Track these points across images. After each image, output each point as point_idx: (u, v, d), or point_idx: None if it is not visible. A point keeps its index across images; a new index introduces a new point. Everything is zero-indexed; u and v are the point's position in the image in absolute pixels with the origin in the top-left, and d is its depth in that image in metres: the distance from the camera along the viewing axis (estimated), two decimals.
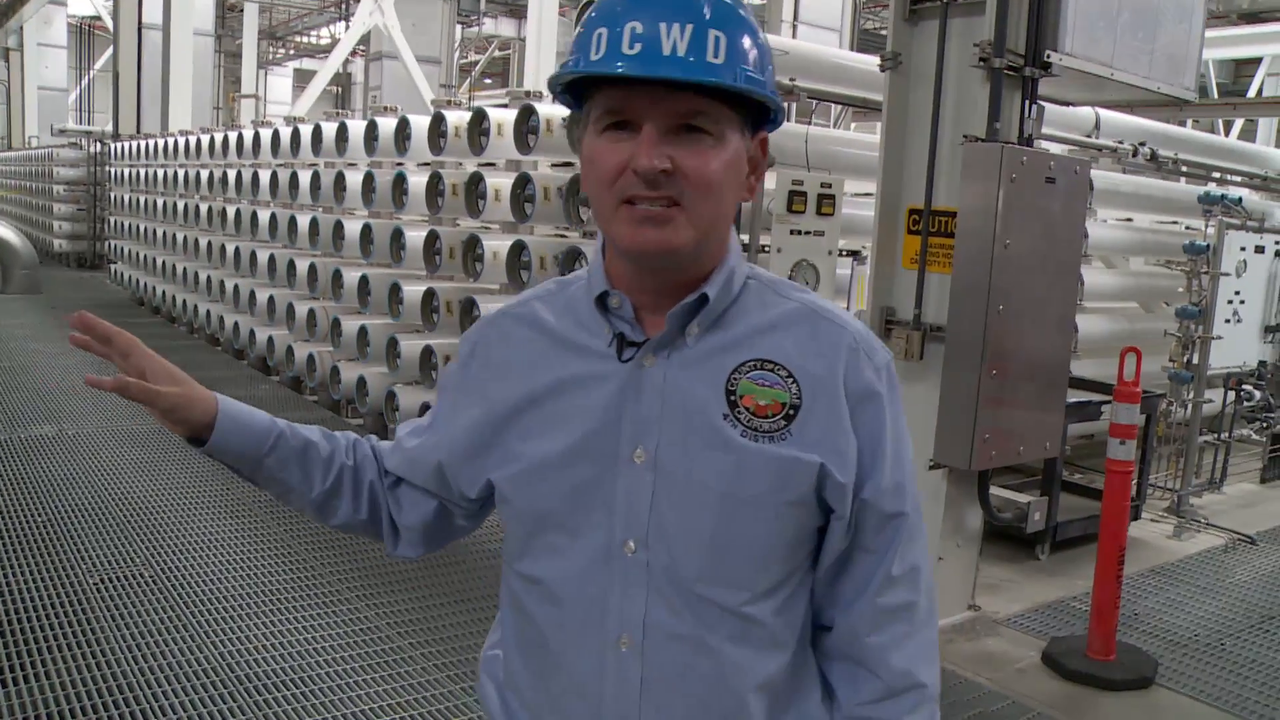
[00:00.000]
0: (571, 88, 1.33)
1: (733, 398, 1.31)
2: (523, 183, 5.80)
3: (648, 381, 1.33)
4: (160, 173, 13.09)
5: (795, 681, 1.39)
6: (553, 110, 5.74)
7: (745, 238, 5.56)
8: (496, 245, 6.13)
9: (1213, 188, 7.83)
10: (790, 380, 1.32)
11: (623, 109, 1.26)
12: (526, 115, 5.76)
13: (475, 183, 6.24)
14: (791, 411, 1.31)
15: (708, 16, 1.23)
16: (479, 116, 6.31)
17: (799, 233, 4.95)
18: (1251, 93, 19.53)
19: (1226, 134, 17.92)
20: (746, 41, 1.26)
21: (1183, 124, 10.39)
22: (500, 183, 6.17)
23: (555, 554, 1.36)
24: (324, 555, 5.24)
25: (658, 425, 1.32)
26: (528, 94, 6.44)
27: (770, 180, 5.52)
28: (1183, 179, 8.36)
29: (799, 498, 1.31)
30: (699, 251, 1.31)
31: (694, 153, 1.25)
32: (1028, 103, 4.61)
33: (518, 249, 5.82)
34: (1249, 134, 19.03)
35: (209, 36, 18.99)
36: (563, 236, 6.34)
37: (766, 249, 5.53)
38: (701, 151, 1.26)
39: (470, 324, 6.19)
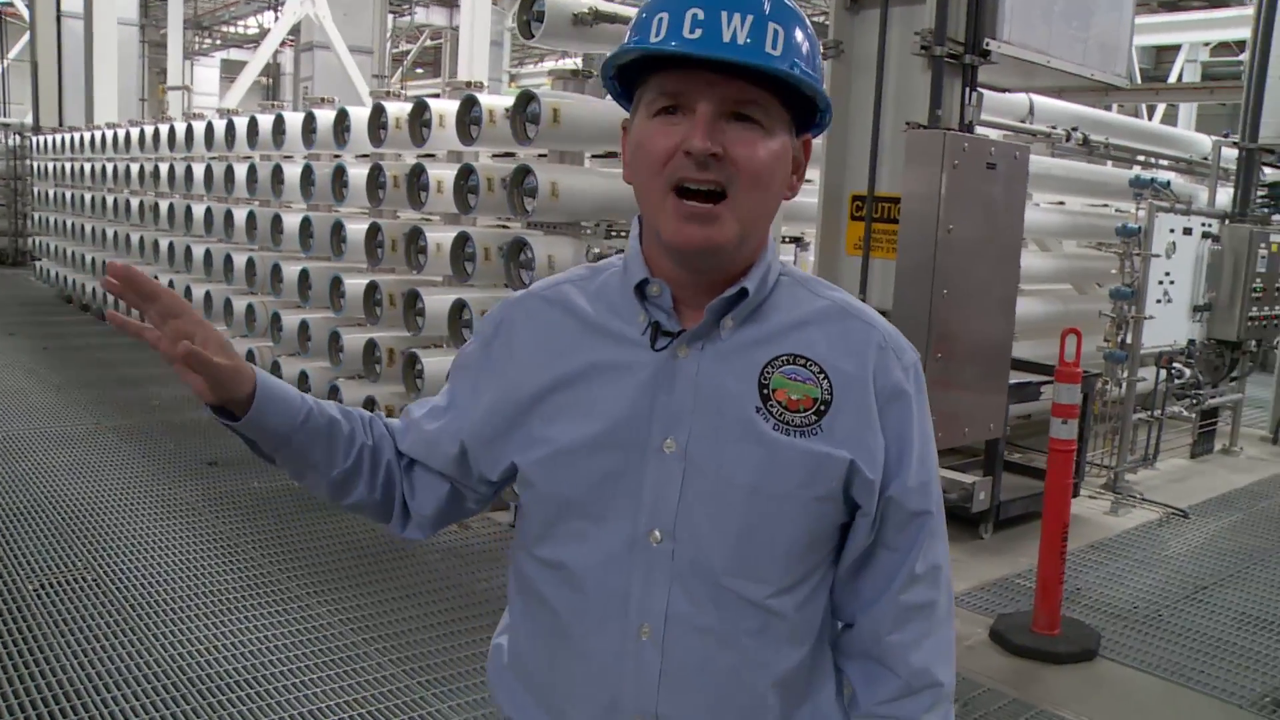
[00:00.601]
0: (622, 76, 1.34)
1: (765, 391, 1.32)
2: (466, 174, 5.75)
3: (681, 372, 1.33)
4: (87, 166, 12.78)
5: (811, 676, 1.40)
6: (495, 101, 5.70)
7: None
8: (440, 237, 6.08)
9: (1142, 172, 8.01)
10: (822, 376, 1.32)
11: (678, 91, 1.27)
12: (469, 106, 5.71)
13: (417, 174, 6.18)
14: (823, 407, 1.32)
15: (767, 10, 1.25)
16: (420, 108, 6.25)
17: None
18: (1172, 78, 20.00)
19: (1149, 118, 18.35)
20: (800, 36, 1.28)
21: (1107, 108, 10.62)
22: (442, 174, 6.11)
23: (578, 540, 1.36)
24: (271, 553, 5.17)
25: (690, 416, 1.32)
26: (468, 84, 6.39)
27: None
28: (1109, 163, 8.56)
29: (827, 493, 1.32)
30: (741, 246, 1.32)
31: (745, 140, 1.26)
32: (968, 90, 4.70)
33: (462, 240, 5.78)
34: (1170, 118, 19.52)
35: (133, 26, 18.56)
36: (505, 227, 6.30)
37: None
38: (752, 140, 1.27)
39: (415, 315, 6.15)
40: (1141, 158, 8.83)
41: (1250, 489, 7.39)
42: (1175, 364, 7.45)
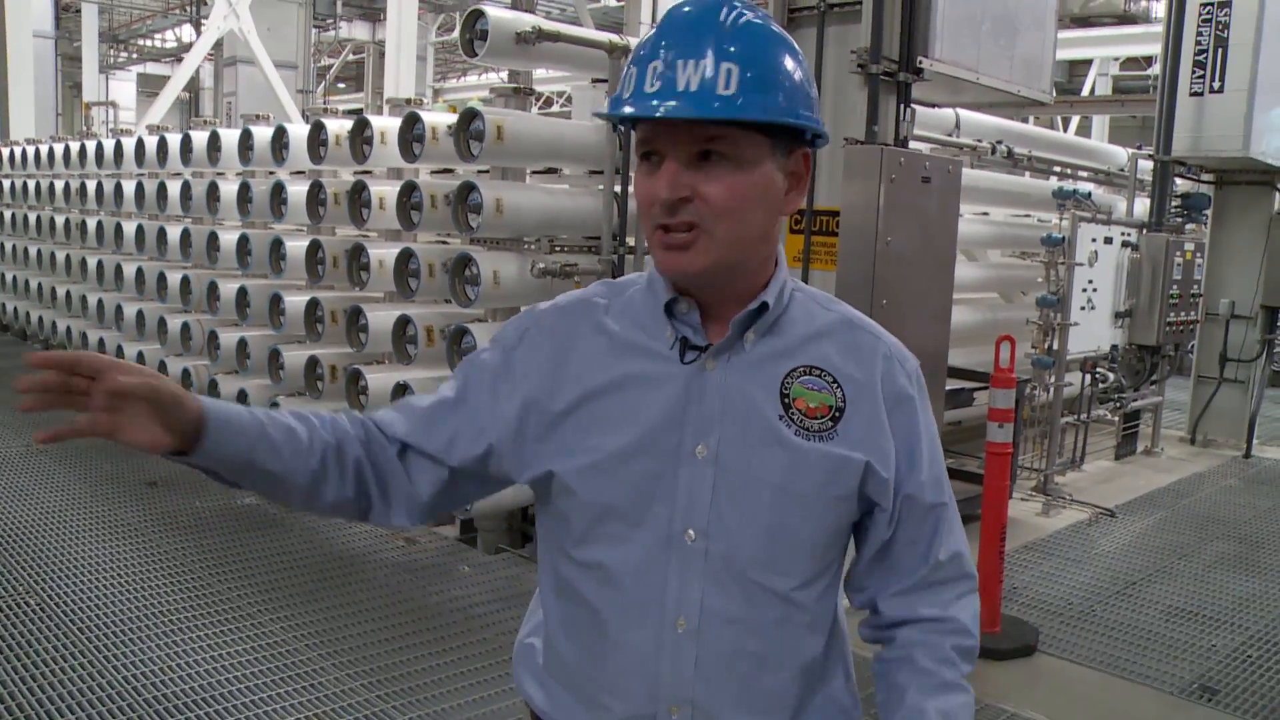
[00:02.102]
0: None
1: (786, 400, 1.43)
2: (409, 190, 5.77)
3: (710, 383, 1.43)
4: (5, 183, 12.49)
5: (826, 663, 1.52)
6: (437, 118, 5.73)
7: (631, 241, 5.69)
8: (382, 253, 6.09)
9: (1065, 183, 8.28)
10: (835, 385, 1.44)
11: (650, 140, 1.38)
12: (411, 123, 5.74)
13: (359, 191, 6.18)
14: (837, 414, 1.43)
15: (726, 50, 1.33)
16: (361, 125, 6.25)
17: None
18: (1085, 91, 20.63)
19: (1065, 130, 18.89)
20: (767, 69, 1.35)
21: (1024, 120, 10.94)
22: (384, 191, 6.13)
23: (617, 541, 1.44)
24: (220, 571, 5.14)
25: (719, 424, 1.42)
26: (408, 101, 6.42)
27: None
28: (1027, 174, 8.83)
29: (845, 492, 1.44)
30: (735, 268, 1.41)
31: (712, 179, 1.35)
32: (902, 106, 4.84)
33: (405, 257, 5.80)
34: (1084, 130, 20.12)
35: (48, 39, 18.17)
36: (445, 243, 6.32)
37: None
38: (719, 178, 1.35)
39: (358, 332, 6.15)
40: (1058, 169, 9.13)
41: (1172, 488, 7.68)
42: (1099, 369, 7.71)
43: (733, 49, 1.33)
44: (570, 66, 6.42)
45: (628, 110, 1.36)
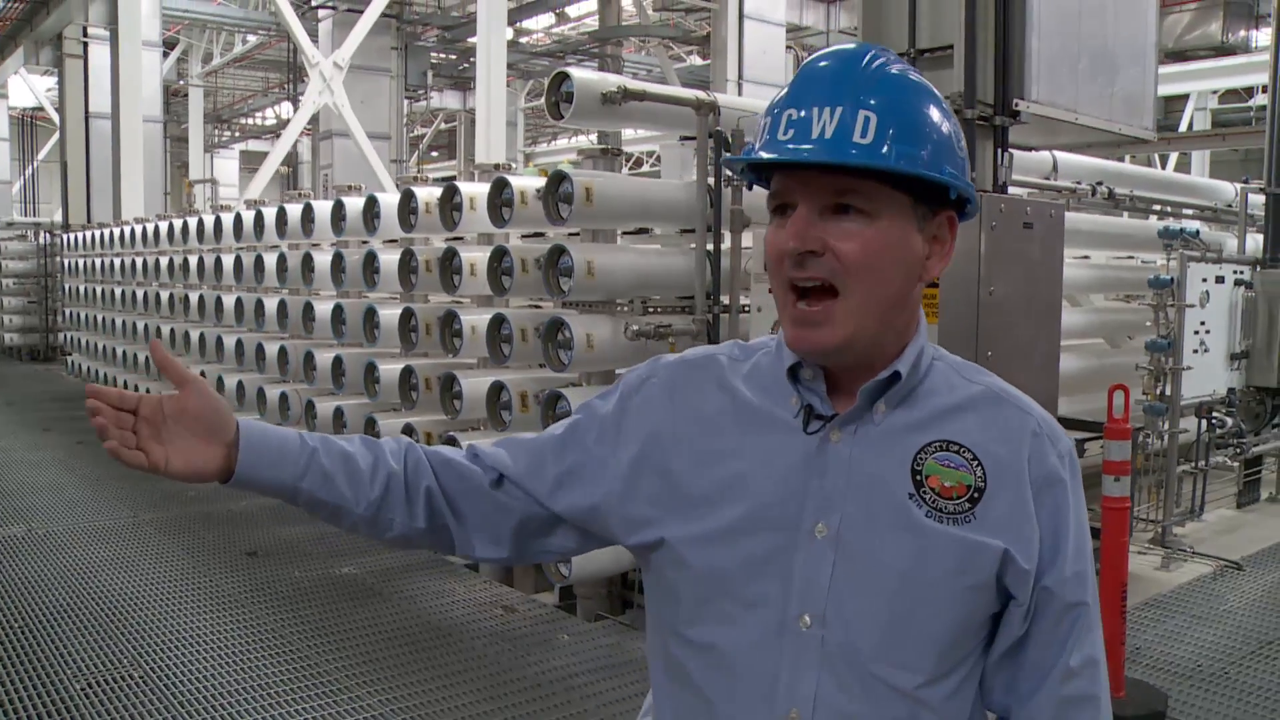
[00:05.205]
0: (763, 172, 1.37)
1: (918, 477, 1.31)
2: (499, 255, 5.79)
3: (834, 456, 1.33)
4: (116, 261, 12.96)
5: None
6: (526, 182, 5.76)
7: (726, 299, 5.60)
8: (474, 319, 6.11)
9: (1170, 222, 8.00)
10: (975, 463, 1.32)
11: (782, 192, 1.31)
12: (500, 188, 5.77)
13: (449, 258, 6.22)
14: (976, 494, 1.31)
15: (862, 99, 1.26)
16: (450, 191, 6.31)
17: None
18: (1182, 127, 20.10)
19: (1163, 167, 18.42)
20: (910, 120, 1.28)
21: (1120, 159, 10.65)
22: (474, 257, 6.16)
23: (728, 622, 1.34)
24: (317, 643, 5.12)
25: (842, 501, 1.31)
26: (497, 167, 6.47)
27: (748, 239, 5.57)
28: (1125, 214, 8.54)
29: (980, 582, 1.31)
30: (871, 338, 1.32)
31: (844, 233, 1.27)
32: (1000, 151, 4.70)
33: (497, 322, 5.80)
34: (1182, 166, 19.59)
35: (158, 123, 18.91)
36: (537, 307, 6.33)
37: (746, 309, 5.56)
38: (851, 232, 1.27)
39: (452, 399, 6.15)
40: (1158, 207, 8.83)
41: None
42: (1216, 413, 7.36)
43: (873, 99, 1.27)
44: (658, 125, 6.41)
45: (760, 155, 1.29)
